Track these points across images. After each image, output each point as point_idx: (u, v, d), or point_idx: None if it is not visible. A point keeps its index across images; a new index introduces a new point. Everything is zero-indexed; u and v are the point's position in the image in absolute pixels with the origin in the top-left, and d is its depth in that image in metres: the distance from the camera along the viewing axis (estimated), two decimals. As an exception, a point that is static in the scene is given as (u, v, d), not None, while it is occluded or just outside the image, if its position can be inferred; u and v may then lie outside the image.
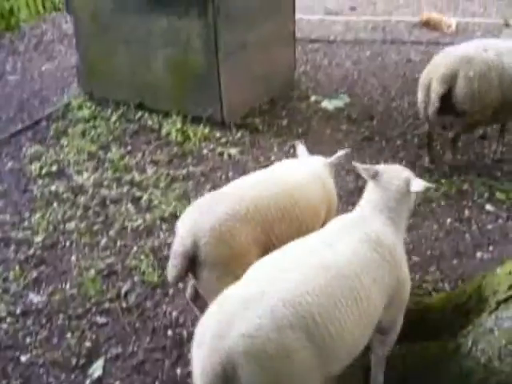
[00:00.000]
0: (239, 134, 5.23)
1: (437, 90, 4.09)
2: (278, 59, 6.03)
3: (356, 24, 9.17)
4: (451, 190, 4.39)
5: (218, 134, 5.21)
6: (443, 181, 4.50)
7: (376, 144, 5.11)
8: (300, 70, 6.66)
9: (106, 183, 4.59)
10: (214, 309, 2.06)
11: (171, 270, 2.63)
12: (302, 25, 8.58)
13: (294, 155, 4.74)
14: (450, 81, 4.06)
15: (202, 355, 1.94)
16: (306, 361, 1.97)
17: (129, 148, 5.13)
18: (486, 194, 4.37)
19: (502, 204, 4.26)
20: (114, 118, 5.62)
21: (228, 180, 4.51)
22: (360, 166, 2.66)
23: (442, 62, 4.20)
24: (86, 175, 4.69)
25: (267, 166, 4.60)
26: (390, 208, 2.51)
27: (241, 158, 4.87)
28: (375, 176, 2.60)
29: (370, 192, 2.60)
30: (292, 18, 6.18)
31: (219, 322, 1.95)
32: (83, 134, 5.40)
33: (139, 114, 5.66)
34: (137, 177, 4.62)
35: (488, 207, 4.22)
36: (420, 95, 4.37)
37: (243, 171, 4.62)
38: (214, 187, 4.40)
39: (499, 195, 4.35)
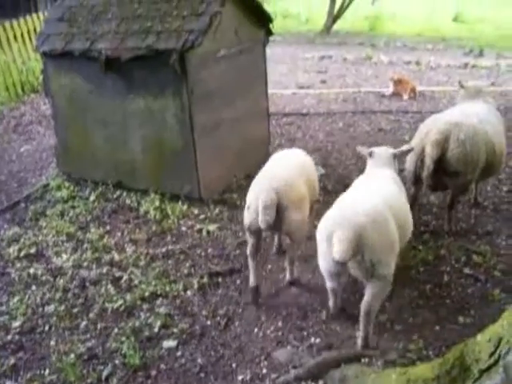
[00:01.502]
0: (217, 210, 5.29)
1: (431, 154, 4.30)
2: (253, 134, 6.18)
3: (327, 96, 9.47)
4: (429, 255, 4.43)
5: (196, 211, 5.26)
6: (420, 247, 4.55)
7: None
8: (275, 143, 6.83)
9: (85, 264, 4.56)
10: (335, 210, 3.37)
11: (266, 219, 3.57)
12: (275, 99, 8.86)
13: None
14: (443, 145, 4.29)
15: (339, 235, 3.05)
16: (394, 229, 3.29)
17: (108, 227, 5.14)
18: (464, 258, 4.42)
19: (480, 267, 4.30)
20: (92, 198, 5.66)
21: (207, 257, 4.53)
22: (360, 149, 4.20)
23: (432, 128, 4.42)
24: (65, 256, 4.66)
25: (245, 241, 4.70)
26: (387, 166, 3.96)
27: (219, 233, 4.90)
28: (371, 154, 4.05)
29: (371, 163, 4.05)
30: (265, 94, 6.39)
31: (344, 212, 3.26)
32: (62, 214, 5.41)
33: (117, 193, 5.72)
34: (116, 256, 4.61)
35: (466, 271, 4.26)
36: (411, 161, 4.57)
37: (222, 247, 4.66)
38: (194, 265, 4.44)
39: (476, 258, 4.40)
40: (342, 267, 3.22)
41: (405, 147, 4.17)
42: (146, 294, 4.09)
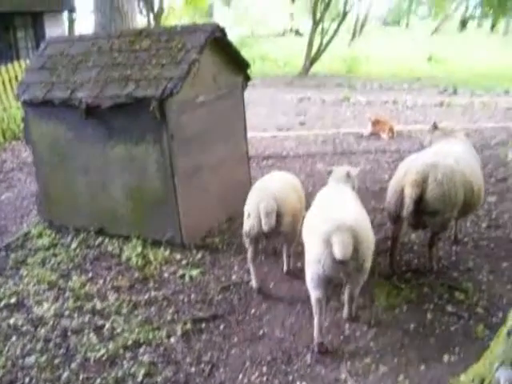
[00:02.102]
0: (199, 255, 5.28)
1: (411, 194, 4.35)
2: (234, 178, 6.22)
3: (307, 138, 9.61)
4: (411, 294, 4.44)
5: (178, 256, 5.24)
6: (403, 286, 4.56)
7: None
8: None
9: (66, 313, 4.48)
10: (327, 217, 3.70)
11: (269, 223, 4.08)
12: (255, 142, 8.96)
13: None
14: (422, 185, 4.36)
15: (339, 238, 3.39)
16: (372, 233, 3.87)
17: (90, 275, 5.08)
18: (446, 296, 4.43)
19: (462, 304, 4.31)
20: (74, 245, 5.62)
21: (190, 303, 4.50)
22: (321, 167, 5.12)
23: (410, 169, 4.50)
24: (46, 306, 4.58)
25: (229, 286, 4.71)
26: (343, 182, 4.40)
27: (202, 278, 4.87)
28: (330, 172, 4.57)
29: (334, 178, 4.49)
30: (244, 138, 6.47)
31: (338, 217, 3.62)
32: (43, 262, 5.35)
33: (99, 239, 5.69)
34: (98, 304, 4.54)
35: (449, 308, 4.26)
36: (391, 201, 4.63)
37: (205, 292, 4.63)
38: (177, 311, 4.39)
39: (459, 295, 4.42)
40: (339, 267, 3.54)
41: (357, 170, 4.66)
42: (129, 342, 4.02)
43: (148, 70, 5.11)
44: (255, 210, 4.19)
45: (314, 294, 3.74)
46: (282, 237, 4.48)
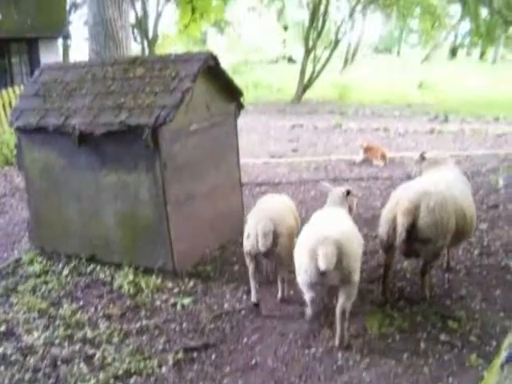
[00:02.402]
0: (191, 283, 5.24)
1: (403, 222, 4.38)
2: (226, 205, 6.23)
3: (299, 165, 9.64)
4: (404, 323, 4.42)
5: (170, 284, 5.20)
6: (396, 314, 4.55)
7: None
8: (248, 213, 6.85)
9: (57, 342, 4.42)
10: (314, 231, 4.10)
11: (266, 242, 4.32)
12: (247, 169, 8.98)
13: (247, 301, 4.85)
14: (414, 213, 4.38)
15: (322, 251, 3.73)
16: (359, 246, 4.25)
17: (81, 303, 5.03)
18: (439, 324, 4.41)
19: (456, 332, 4.30)
20: (65, 272, 5.57)
21: (182, 332, 4.46)
22: (322, 187, 5.35)
23: (403, 197, 4.53)
24: (36, 334, 4.52)
25: (221, 314, 4.67)
26: (340, 203, 4.75)
27: (194, 307, 4.83)
28: (328, 193, 4.92)
29: (330, 199, 4.83)
30: (237, 165, 6.48)
31: (324, 231, 3.96)
32: (34, 290, 5.29)
33: (91, 267, 5.65)
34: (89, 333, 4.48)
35: (442, 337, 4.24)
36: (384, 229, 4.64)
37: (197, 321, 4.59)
38: (169, 340, 4.34)
39: (452, 324, 4.40)
40: (324, 277, 3.86)
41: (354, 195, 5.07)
42: (120, 372, 3.96)
43: (141, 98, 5.15)
44: (254, 231, 4.45)
45: (308, 295, 4.22)
46: (277, 257, 4.58)
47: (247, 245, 4.58)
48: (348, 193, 4.84)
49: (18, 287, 5.37)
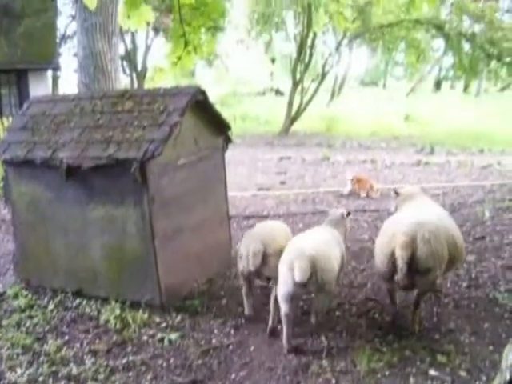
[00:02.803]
0: (179, 318, 5.17)
1: (402, 256, 4.40)
2: (214, 239, 6.21)
3: (287, 198, 9.67)
4: (393, 358, 4.37)
5: (157, 319, 5.13)
6: (385, 349, 4.51)
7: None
8: (236, 247, 6.83)
9: (41, 379, 4.31)
10: (294, 247, 4.55)
11: (254, 263, 4.65)
12: (235, 202, 8.99)
13: (235, 336, 4.80)
14: (412, 246, 4.42)
15: (297, 264, 4.17)
16: (335, 260, 4.60)
17: (66, 338, 4.94)
18: (428, 359, 4.36)
19: (445, 367, 4.25)
20: (51, 307, 5.49)
21: (169, 368, 4.38)
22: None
23: (397, 231, 4.58)
24: (19, 371, 4.41)
25: (208, 350, 4.61)
26: (336, 225, 5.23)
27: (181, 342, 4.75)
28: (327, 213, 5.50)
29: (328, 219, 5.31)
30: (225, 199, 6.49)
31: (300, 247, 4.43)
32: (18, 325, 5.20)
33: (77, 301, 5.57)
34: (74, 370, 4.39)
35: (432, 372, 4.20)
36: (383, 263, 4.65)
37: (185, 357, 4.52)
38: (156, 377, 4.26)
39: (441, 358, 4.36)
40: (300, 288, 4.28)
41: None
42: (106, 410, 3.90)
43: (130, 131, 5.16)
44: (246, 251, 4.78)
45: (284, 308, 4.41)
46: (268, 276, 4.85)
47: (240, 265, 4.91)
48: (348, 214, 5.46)
49: (1, 322, 5.27)
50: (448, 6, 21.36)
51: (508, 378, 2.21)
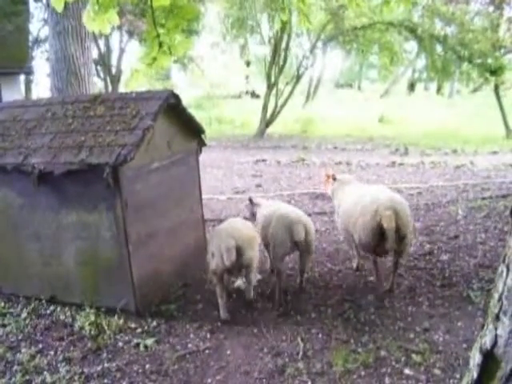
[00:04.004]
0: (154, 323, 5.13)
1: (391, 227, 5.06)
2: (189, 242, 6.19)
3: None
4: (369, 358, 4.39)
5: (132, 325, 5.09)
6: (360, 350, 4.53)
7: (291, 319, 5.15)
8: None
9: (14, 389, 4.28)
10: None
11: (230, 259, 4.74)
12: (211, 205, 8.96)
13: (211, 340, 4.79)
14: (395, 217, 5.10)
15: (297, 226, 5.15)
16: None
17: (40, 346, 4.87)
18: (403, 358, 4.40)
19: (420, 366, 4.29)
20: (24, 315, 5.41)
21: (145, 374, 4.34)
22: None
23: (379, 206, 5.21)
24: (-9, 381, 4.37)
25: (185, 355, 4.59)
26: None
27: (157, 348, 4.72)
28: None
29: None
30: (199, 202, 6.47)
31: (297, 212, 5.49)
32: (-10, 334, 5.13)
33: (51, 308, 5.50)
34: (48, 378, 4.32)
35: (407, 371, 4.23)
36: (367, 235, 5.29)
37: (160, 362, 4.49)
38: (132, 383, 4.23)
39: (415, 357, 4.39)
40: (294, 247, 5.22)
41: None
42: (80, 419, 3.85)
43: (102, 136, 5.12)
44: (218, 249, 4.88)
45: (279, 266, 5.35)
46: (245, 267, 5.12)
47: (213, 264, 4.98)
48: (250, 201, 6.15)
49: (-27, 331, 5.19)
50: (420, 9, 21.60)
51: (475, 376, 2.24)
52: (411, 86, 45.08)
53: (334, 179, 6.49)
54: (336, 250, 6.99)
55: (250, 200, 6.21)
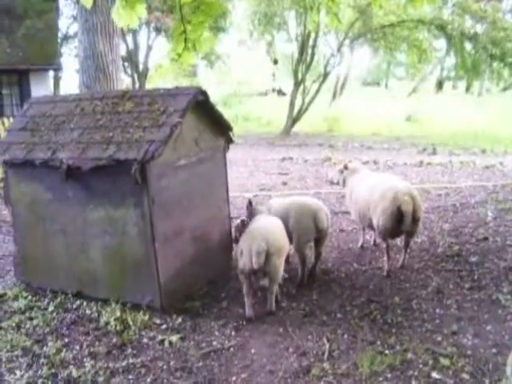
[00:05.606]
0: (179, 320, 5.13)
1: (410, 210, 5.80)
2: (215, 240, 6.17)
3: (288, 198, 9.58)
4: (396, 361, 4.32)
5: (157, 321, 5.09)
6: (387, 352, 4.46)
7: (317, 319, 5.11)
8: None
9: (40, 381, 4.27)
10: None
11: (258, 262, 4.78)
12: (237, 203, 8.95)
13: (236, 338, 4.77)
14: (411, 201, 5.85)
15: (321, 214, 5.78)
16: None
17: (66, 340, 4.90)
18: (431, 362, 4.32)
19: (448, 370, 4.21)
20: (51, 308, 5.46)
21: (170, 370, 4.34)
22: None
23: (398, 192, 5.89)
24: (18, 373, 4.38)
25: (209, 352, 4.58)
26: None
27: (182, 344, 4.71)
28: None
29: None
30: (226, 200, 6.44)
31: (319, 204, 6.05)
32: (18, 326, 5.16)
33: (77, 303, 5.54)
34: (74, 372, 4.34)
35: (434, 375, 4.15)
36: (386, 219, 5.92)
37: (185, 359, 4.48)
38: (156, 379, 4.22)
39: (443, 361, 4.31)
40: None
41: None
42: (104, 413, 3.86)
43: (130, 132, 5.13)
44: (247, 249, 4.89)
45: (303, 255, 5.79)
46: (268, 273, 5.07)
47: (240, 262, 5.01)
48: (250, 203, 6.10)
49: (1, 323, 5.24)
50: (450, 6, 21.31)
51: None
52: (439, 85, 44.56)
53: (346, 168, 7.05)
54: (363, 250, 6.92)
55: (250, 202, 6.14)
